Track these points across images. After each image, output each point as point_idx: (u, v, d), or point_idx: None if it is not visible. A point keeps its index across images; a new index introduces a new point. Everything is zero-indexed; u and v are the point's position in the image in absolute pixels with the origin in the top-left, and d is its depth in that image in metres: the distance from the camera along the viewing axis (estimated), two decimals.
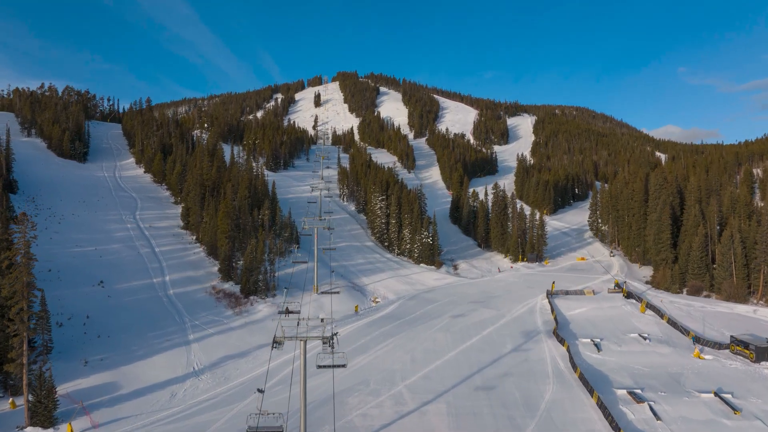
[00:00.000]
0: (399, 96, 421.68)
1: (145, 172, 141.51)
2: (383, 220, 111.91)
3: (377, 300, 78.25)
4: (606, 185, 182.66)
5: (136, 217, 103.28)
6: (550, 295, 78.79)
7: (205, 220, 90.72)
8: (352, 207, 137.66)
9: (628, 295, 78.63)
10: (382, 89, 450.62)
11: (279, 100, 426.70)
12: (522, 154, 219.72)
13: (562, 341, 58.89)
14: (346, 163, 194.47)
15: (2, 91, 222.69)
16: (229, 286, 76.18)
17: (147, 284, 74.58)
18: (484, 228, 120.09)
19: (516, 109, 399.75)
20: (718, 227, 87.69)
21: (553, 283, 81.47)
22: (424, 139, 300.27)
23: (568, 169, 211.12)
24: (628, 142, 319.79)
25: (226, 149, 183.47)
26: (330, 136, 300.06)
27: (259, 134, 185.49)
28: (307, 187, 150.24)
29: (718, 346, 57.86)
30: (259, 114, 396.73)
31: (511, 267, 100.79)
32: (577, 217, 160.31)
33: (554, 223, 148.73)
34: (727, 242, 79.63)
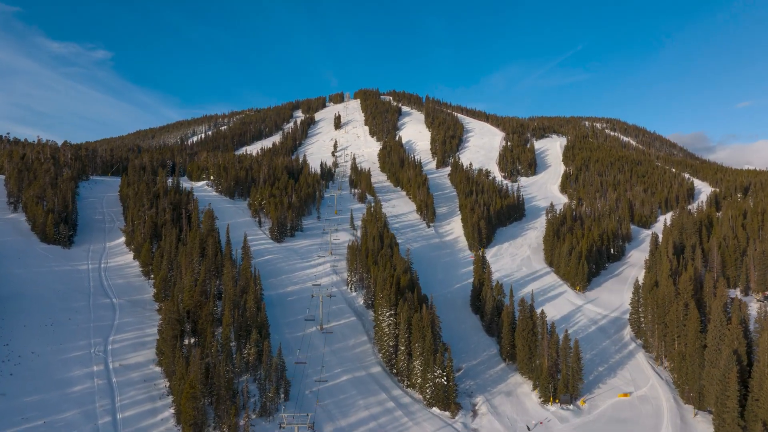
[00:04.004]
0: (422, 117, 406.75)
1: (134, 258, 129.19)
2: (391, 343, 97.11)
3: None
4: (646, 247, 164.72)
5: (108, 348, 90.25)
6: None
7: (176, 375, 77.14)
8: (361, 300, 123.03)
9: None
10: (404, 109, 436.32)
11: (299, 121, 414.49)
12: (551, 206, 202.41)
13: None
14: (360, 217, 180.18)
15: (8, 134, 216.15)
16: None
17: None
18: (509, 339, 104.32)
19: (544, 130, 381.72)
20: None
21: None
22: (446, 172, 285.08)
23: (602, 219, 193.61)
24: (664, 171, 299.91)
25: (229, 211, 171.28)
26: (348, 171, 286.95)
27: (266, 194, 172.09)
28: (313, 270, 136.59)
29: None
30: (278, 139, 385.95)
31: (541, 423, 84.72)
32: (614, 294, 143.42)
33: (588, 310, 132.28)
34: None
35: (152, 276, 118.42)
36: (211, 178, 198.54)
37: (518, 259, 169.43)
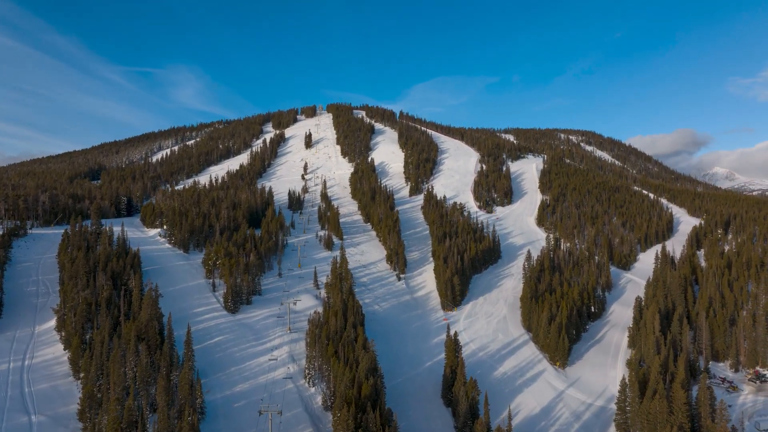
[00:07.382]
0: (395, 136, 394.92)
1: (65, 348, 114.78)
2: None
3: None
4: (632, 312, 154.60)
5: None
6: None
7: None
8: (319, 400, 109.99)
9: None
10: (377, 126, 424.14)
11: (268, 140, 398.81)
12: (528, 254, 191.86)
13: None
14: (325, 271, 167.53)
15: None
16: None
17: None
18: None
19: (520, 150, 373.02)
20: None
21: None
22: (419, 203, 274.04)
23: (581, 264, 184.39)
24: (642, 198, 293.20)
25: (180, 271, 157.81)
26: (318, 198, 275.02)
27: (221, 252, 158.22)
28: (267, 357, 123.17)
29: None
30: (246, 159, 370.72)
31: None
32: (597, 371, 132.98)
33: (570, 398, 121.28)
34: None
35: (81, 376, 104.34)
36: (164, 227, 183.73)
37: (494, 321, 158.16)
